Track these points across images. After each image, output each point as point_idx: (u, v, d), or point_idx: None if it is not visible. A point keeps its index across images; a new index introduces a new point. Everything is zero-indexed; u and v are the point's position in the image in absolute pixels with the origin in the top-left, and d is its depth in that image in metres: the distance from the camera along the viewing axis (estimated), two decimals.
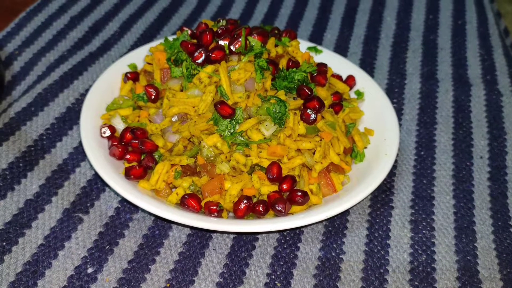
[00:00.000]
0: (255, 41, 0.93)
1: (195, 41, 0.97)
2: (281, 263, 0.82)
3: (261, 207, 0.82)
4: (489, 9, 1.49)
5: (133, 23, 1.36)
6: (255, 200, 0.86)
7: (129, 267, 0.80)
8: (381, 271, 0.82)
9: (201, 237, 0.85)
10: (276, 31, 1.03)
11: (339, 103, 0.97)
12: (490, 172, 1.00)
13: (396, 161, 1.00)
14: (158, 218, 0.88)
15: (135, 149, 0.90)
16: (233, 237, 0.86)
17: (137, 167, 0.87)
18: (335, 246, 0.85)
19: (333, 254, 0.84)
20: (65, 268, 0.79)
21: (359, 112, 1.03)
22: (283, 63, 0.96)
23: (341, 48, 1.32)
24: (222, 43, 0.93)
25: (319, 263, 0.83)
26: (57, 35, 1.29)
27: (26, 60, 1.20)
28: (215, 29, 0.97)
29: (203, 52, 0.91)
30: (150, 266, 0.81)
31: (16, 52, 1.22)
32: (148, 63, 1.02)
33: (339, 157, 0.91)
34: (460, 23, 1.43)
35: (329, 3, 1.51)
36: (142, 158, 0.90)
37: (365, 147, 0.98)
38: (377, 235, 0.87)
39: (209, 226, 0.79)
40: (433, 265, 0.83)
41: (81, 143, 0.97)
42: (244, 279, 0.80)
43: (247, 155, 0.86)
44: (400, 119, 1.11)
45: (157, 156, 0.90)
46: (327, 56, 1.15)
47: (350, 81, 1.07)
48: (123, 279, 0.78)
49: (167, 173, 0.87)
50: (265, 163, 0.86)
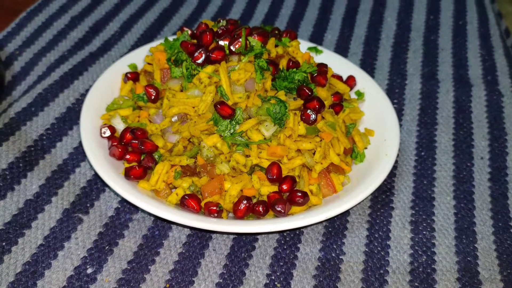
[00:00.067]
0: (255, 41, 0.93)
1: (195, 41, 0.97)
2: (281, 263, 0.82)
3: (261, 208, 0.82)
4: (490, 9, 1.49)
5: (133, 23, 1.36)
6: (255, 200, 0.86)
7: (129, 267, 0.80)
8: (381, 272, 0.82)
9: (200, 237, 0.85)
10: (276, 32, 1.03)
11: (339, 104, 0.97)
12: (490, 173, 1.00)
13: (396, 162, 1.00)
14: (157, 218, 0.88)
15: (135, 149, 0.90)
16: (233, 237, 0.85)
17: (137, 167, 0.87)
18: (335, 246, 0.85)
19: (333, 254, 0.84)
20: (65, 268, 0.79)
21: (360, 112, 1.03)
22: (283, 64, 0.96)
23: (342, 48, 1.32)
24: (222, 43, 0.93)
25: (319, 264, 0.82)
26: (57, 35, 1.29)
27: (26, 60, 1.20)
28: (215, 29, 0.97)
29: (203, 52, 0.91)
30: (149, 266, 0.80)
31: (16, 52, 1.22)
32: (148, 63, 1.02)
33: (339, 158, 0.91)
34: (461, 24, 1.43)
35: (329, 4, 1.51)
36: (142, 158, 0.90)
37: (365, 148, 0.97)
38: (377, 235, 0.87)
39: (209, 226, 0.79)
40: (433, 266, 0.83)
41: (81, 143, 0.97)
42: (244, 280, 0.80)
43: (247, 156, 0.86)
44: (400, 120, 1.11)
45: (157, 156, 0.90)
46: (328, 56, 1.15)
47: (350, 81, 1.07)
48: (122, 279, 0.78)
49: (167, 173, 0.87)
50: (265, 164, 0.86)
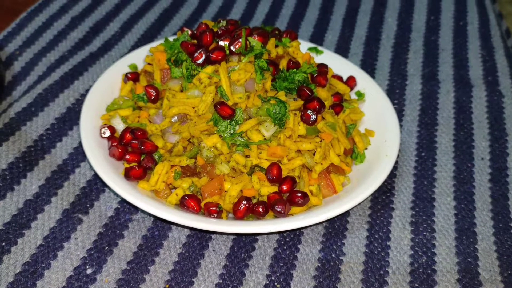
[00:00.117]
0: (255, 41, 0.93)
1: (195, 41, 0.97)
2: (281, 264, 0.82)
3: (260, 208, 0.82)
4: (490, 10, 1.49)
5: (133, 23, 1.36)
6: (254, 201, 0.86)
7: (128, 268, 0.80)
8: (381, 272, 0.82)
9: (200, 238, 0.85)
10: (276, 32, 1.03)
11: (339, 104, 0.97)
12: (491, 173, 1.00)
13: (396, 162, 1.00)
14: (157, 219, 0.87)
15: (134, 150, 0.90)
16: (232, 238, 0.85)
17: (137, 167, 0.87)
18: (335, 247, 0.85)
19: (333, 255, 0.84)
20: (64, 268, 0.79)
21: (360, 113, 1.03)
22: (283, 64, 0.96)
23: (342, 49, 1.32)
24: (222, 43, 0.93)
25: (319, 265, 0.82)
26: (57, 35, 1.29)
27: (26, 60, 1.20)
28: (216, 30, 0.97)
29: (203, 52, 0.91)
30: (149, 267, 0.80)
31: (16, 52, 1.22)
32: (148, 64, 1.02)
33: (340, 158, 0.91)
34: (461, 24, 1.42)
35: (330, 4, 1.51)
36: (141, 158, 0.90)
37: (366, 148, 0.97)
38: (377, 236, 0.87)
39: (209, 227, 0.79)
40: (433, 267, 0.83)
41: (81, 144, 0.97)
42: (243, 280, 0.79)
43: (247, 156, 0.86)
44: (401, 120, 1.10)
45: (156, 156, 0.90)
46: (328, 56, 1.14)
47: (350, 82, 1.07)
48: (122, 280, 0.78)
49: (166, 173, 0.86)
50: (265, 164, 0.86)
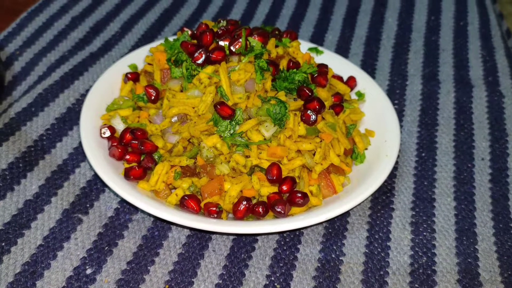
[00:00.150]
0: (255, 41, 0.92)
1: (195, 41, 0.97)
2: (281, 264, 0.82)
3: (260, 209, 0.82)
4: (491, 10, 1.49)
5: (134, 23, 1.36)
6: (254, 201, 0.86)
7: (128, 268, 0.80)
8: (381, 273, 0.82)
9: (200, 238, 0.85)
10: (277, 32, 1.03)
11: (339, 104, 0.97)
12: (491, 174, 1.00)
13: (397, 163, 1.00)
14: (157, 219, 0.87)
15: (134, 150, 0.90)
16: (232, 238, 0.85)
17: (137, 167, 0.87)
18: (335, 247, 0.85)
19: (333, 256, 0.84)
20: (64, 269, 0.79)
21: (360, 113, 1.02)
22: (283, 64, 0.95)
23: (343, 49, 1.32)
24: (222, 43, 0.93)
25: (319, 265, 0.82)
26: (58, 36, 1.29)
27: (27, 60, 1.20)
28: (216, 30, 0.97)
29: (203, 52, 0.91)
30: (149, 267, 0.80)
31: (17, 52, 1.22)
32: (148, 64, 1.02)
33: (340, 158, 0.91)
34: (462, 24, 1.42)
35: (330, 4, 1.50)
36: (141, 158, 0.90)
37: (366, 149, 0.97)
38: (377, 237, 0.87)
39: (208, 227, 0.79)
40: (433, 267, 0.83)
41: (81, 144, 0.97)
42: (243, 281, 0.79)
43: (247, 156, 0.86)
44: (401, 121, 1.10)
45: (156, 156, 0.90)
46: (328, 57, 1.14)
47: (351, 82, 1.07)
48: (122, 280, 0.78)
49: (166, 174, 0.86)
50: (265, 164, 0.85)
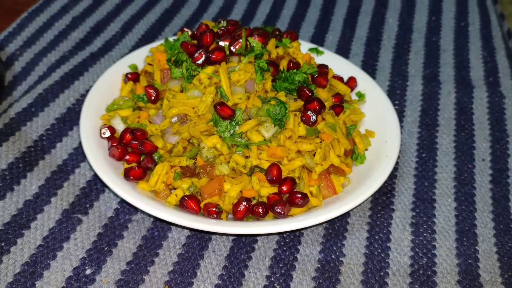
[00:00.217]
0: (255, 42, 0.92)
1: (196, 42, 0.97)
2: (281, 265, 0.82)
3: (260, 209, 0.82)
4: (492, 10, 1.48)
5: (134, 23, 1.36)
6: (254, 201, 0.86)
7: (128, 268, 0.80)
8: (381, 274, 0.81)
9: (200, 238, 0.85)
10: (277, 32, 1.03)
11: (340, 105, 0.97)
12: (492, 174, 0.99)
13: (397, 163, 1.00)
14: (157, 219, 0.87)
15: (134, 150, 0.90)
16: (232, 239, 0.85)
17: (137, 168, 0.86)
18: (335, 248, 0.85)
19: (333, 256, 0.83)
20: (63, 269, 0.79)
21: (360, 113, 1.02)
22: (283, 64, 0.95)
23: (343, 49, 1.32)
24: (222, 44, 0.93)
25: (319, 266, 0.82)
26: (58, 36, 1.29)
27: (27, 60, 1.20)
28: (216, 30, 0.97)
29: (203, 53, 0.90)
30: (148, 267, 0.80)
31: (17, 52, 1.22)
32: (148, 64, 1.02)
33: (340, 159, 0.90)
34: (462, 25, 1.42)
35: (331, 5, 1.50)
36: (141, 159, 0.89)
37: (366, 149, 0.97)
38: (377, 237, 0.87)
39: (208, 227, 0.79)
40: (433, 268, 0.83)
41: (81, 144, 0.97)
42: (243, 281, 0.79)
43: (247, 157, 0.86)
44: (401, 121, 1.10)
45: (156, 157, 0.89)
46: (329, 57, 1.14)
47: (351, 82, 1.07)
48: (121, 280, 0.78)
49: (166, 174, 0.86)
50: (265, 165, 0.85)
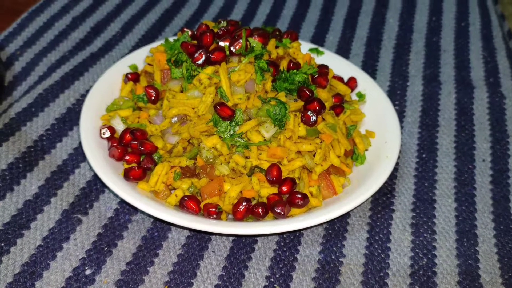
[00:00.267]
0: (255, 42, 0.92)
1: (196, 42, 0.97)
2: (281, 266, 0.82)
3: (260, 209, 0.82)
4: (492, 11, 1.48)
5: (135, 24, 1.36)
6: (254, 202, 0.86)
7: (128, 268, 0.80)
8: (381, 274, 0.81)
9: (200, 239, 0.85)
10: (277, 33, 1.03)
11: (340, 105, 0.97)
12: (492, 175, 0.99)
13: (397, 164, 1.00)
14: (157, 220, 0.87)
15: (134, 150, 0.90)
16: (232, 239, 0.85)
17: (136, 168, 0.86)
18: (335, 249, 0.85)
19: (333, 257, 0.83)
20: (63, 269, 0.79)
21: (361, 114, 1.02)
22: (283, 65, 0.95)
23: (343, 49, 1.31)
24: (222, 44, 0.93)
25: (319, 266, 0.82)
26: (58, 36, 1.29)
27: (27, 60, 1.20)
28: (216, 30, 0.97)
29: (203, 53, 0.90)
30: (148, 268, 0.80)
31: (17, 52, 1.22)
32: (148, 64, 1.02)
33: (340, 159, 0.90)
34: (463, 25, 1.42)
35: (331, 5, 1.50)
36: (141, 159, 0.89)
37: (366, 150, 0.97)
38: (377, 238, 0.87)
39: (208, 228, 0.79)
40: (434, 269, 0.83)
41: (81, 144, 0.97)
42: (243, 282, 0.79)
43: (247, 157, 0.86)
44: (402, 122, 1.10)
45: (156, 157, 0.89)
46: (329, 57, 1.14)
47: (351, 83, 1.07)
48: (121, 281, 0.78)
49: (166, 174, 0.86)
50: (265, 165, 0.85)
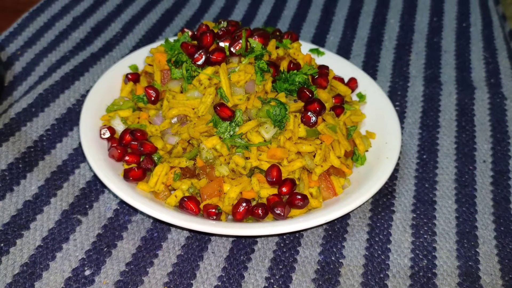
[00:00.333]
0: (255, 42, 0.92)
1: (196, 42, 0.97)
2: (280, 267, 0.81)
3: (260, 210, 0.82)
4: (494, 11, 1.48)
5: (135, 24, 1.36)
6: (254, 203, 0.86)
7: (127, 269, 0.80)
8: (381, 276, 0.81)
9: (199, 240, 0.85)
10: (277, 33, 1.03)
11: (340, 106, 0.97)
12: (493, 176, 0.99)
13: (398, 165, 1.00)
14: (156, 220, 0.87)
15: (134, 151, 0.90)
16: (232, 240, 0.85)
17: (136, 169, 0.86)
18: (335, 250, 0.84)
19: (333, 258, 0.83)
20: (63, 270, 0.79)
21: (361, 115, 1.02)
22: (284, 65, 0.95)
23: (344, 50, 1.31)
24: (222, 44, 0.93)
25: (319, 267, 0.82)
26: (59, 36, 1.29)
27: (28, 60, 1.20)
28: (216, 31, 0.97)
29: (203, 53, 0.90)
30: (148, 268, 0.80)
31: (18, 52, 1.22)
32: (148, 65, 1.02)
33: (340, 160, 0.90)
34: (464, 26, 1.42)
35: (332, 5, 1.50)
36: (141, 160, 0.89)
37: (367, 150, 0.97)
38: (377, 239, 0.87)
39: (208, 229, 0.79)
40: (434, 271, 0.82)
41: (81, 145, 0.97)
42: (242, 283, 0.79)
43: (247, 158, 0.86)
44: (402, 122, 1.10)
45: (156, 158, 0.89)
46: (330, 58, 1.14)
47: (352, 83, 1.07)
48: (120, 281, 0.78)
49: (166, 175, 0.86)
50: (265, 166, 0.85)
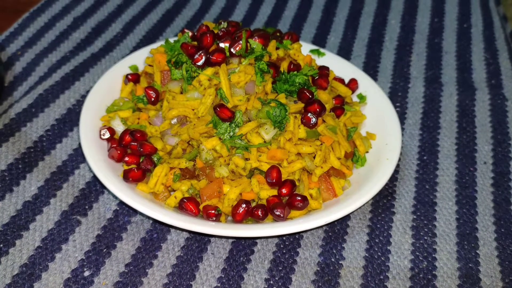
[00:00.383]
0: (256, 43, 0.92)
1: (196, 43, 0.96)
2: (280, 268, 0.81)
3: (260, 212, 0.82)
4: (495, 12, 1.48)
5: (136, 24, 1.36)
6: (254, 204, 0.85)
7: (126, 270, 0.79)
8: (381, 277, 0.81)
9: (199, 241, 0.84)
10: (278, 34, 1.02)
11: (340, 107, 0.96)
12: (493, 178, 0.99)
13: (398, 166, 0.99)
14: (156, 221, 0.87)
15: (134, 152, 0.90)
16: (231, 241, 0.85)
17: (136, 169, 0.86)
18: (334, 251, 0.84)
19: (333, 259, 0.83)
20: (62, 271, 0.78)
21: (361, 116, 1.02)
22: (284, 66, 0.95)
23: (345, 51, 1.31)
24: (222, 45, 0.93)
25: (318, 269, 0.82)
26: (59, 36, 1.29)
27: (28, 60, 1.20)
28: (216, 31, 0.97)
29: (203, 54, 0.90)
30: (147, 269, 0.80)
31: (18, 52, 1.22)
32: (148, 65, 1.02)
33: (340, 162, 0.90)
34: (465, 27, 1.41)
35: (333, 6, 1.50)
36: (141, 160, 0.89)
37: (367, 152, 0.97)
38: (377, 240, 0.86)
39: (207, 230, 0.78)
40: (434, 272, 0.82)
41: (80, 145, 0.96)
42: (242, 284, 0.79)
43: (247, 159, 0.85)
44: (403, 123, 1.10)
45: (156, 158, 0.89)
46: (330, 59, 1.14)
47: (352, 84, 1.06)
48: (119, 282, 0.78)
49: (165, 176, 0.86)
50: (265, 167, 0.85)
